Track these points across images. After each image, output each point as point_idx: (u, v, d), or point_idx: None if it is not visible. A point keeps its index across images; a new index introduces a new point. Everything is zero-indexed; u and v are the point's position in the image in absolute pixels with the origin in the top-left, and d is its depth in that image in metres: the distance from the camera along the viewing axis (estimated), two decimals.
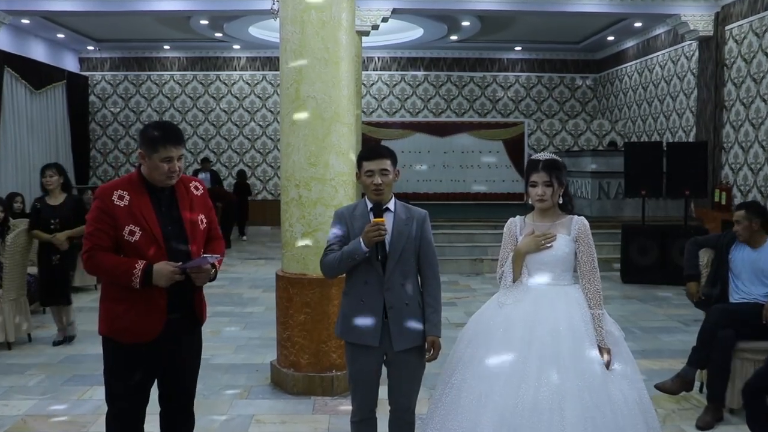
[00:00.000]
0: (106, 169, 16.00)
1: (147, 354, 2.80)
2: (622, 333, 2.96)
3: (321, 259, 3.02)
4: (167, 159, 2.74)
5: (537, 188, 2.95)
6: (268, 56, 15.85)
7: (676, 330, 6.56)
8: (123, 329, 2.76)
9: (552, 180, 2.93)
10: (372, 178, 2.94)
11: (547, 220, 3.01)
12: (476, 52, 15.99)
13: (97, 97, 15.92)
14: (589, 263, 2.93)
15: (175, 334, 2.84)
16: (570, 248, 2.94)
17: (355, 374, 3.02)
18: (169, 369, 2.91)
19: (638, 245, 9.02)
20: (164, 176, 2.77)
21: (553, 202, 2.97)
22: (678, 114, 12.48)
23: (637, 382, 2.85)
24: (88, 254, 2.73)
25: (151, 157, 2.75)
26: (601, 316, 2.87)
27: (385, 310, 2.93)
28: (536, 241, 2.93)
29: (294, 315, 4.63)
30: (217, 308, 6.97)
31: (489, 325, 2.93)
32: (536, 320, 2.83)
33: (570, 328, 2.81)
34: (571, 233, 2.95)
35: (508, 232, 3.09)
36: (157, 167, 2.75)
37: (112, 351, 2.82)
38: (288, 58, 4.59)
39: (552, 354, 2.74)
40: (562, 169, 2.98)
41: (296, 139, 4.59)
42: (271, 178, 16.14)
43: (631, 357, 2.93)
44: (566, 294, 2.92)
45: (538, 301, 2.89)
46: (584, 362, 2.74)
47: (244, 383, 4.95)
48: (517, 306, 2.90)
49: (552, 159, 2.98)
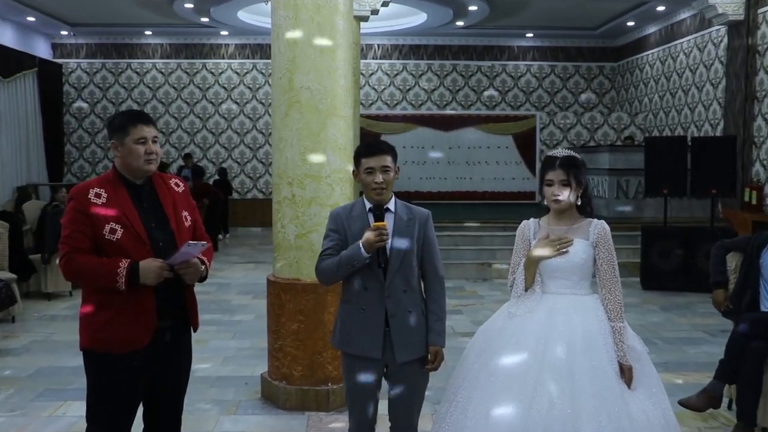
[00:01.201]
0: (82, 166, 16.01)
1: (137, 366, 2.77)
2: (645, 348, 2.95)
3: (316, 264, 3.02)
4: (141, 140, 2.76)
5: (553, 188, 2.94)
6: (258, 43, 15.86)
7: (701, 341, 6.57)
8: (109, 339, 2.73)
9: (570, 179, 2.91)
10: (372, 176, 2.94)
11: (563, 223, 3.00)
12: (484, 39, 16.00)
13: (72, 87, 15.93)
14: (609, 271, 2.92)
15: (166, 341, 2.83)
16: (588, 254, 2.93)
17: (353, 388, 3.02)
18: (159, 382, 2.89)
19: (660, 249, 9.03)
20: (142, 160, 2.77)
21: (571, 204, 2.95)
22: (704, 106, 12.49)
23: (662, 401, 2.84)
24: (66, 258, 2.71)
25: (123, 142, 2.76)
26: (621, 330, 2.86)
27: (387, 319, 2.93)
28: (551, 246, 2.92)
29: (286, 323, 4.64)
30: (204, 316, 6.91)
31: (498, 338, 2.92)
32: (550, 333, 2.82)
33: (587, 343, 2.80)
34: (589, 238, 2.94)
35: (520, 235, 3.08)
36: (131, 151, 2.76)
37: (97, 366, 2.79)
38: (280, 46, 4.60)
39: (566, 371, 2.73)
40: (581, 167, 2.96)
41: (289, 134, 4.59)
42: (262, 175, 16.15)
43: (656, 374, 2.93)
44: (583, 304, 2.91)
45: (553, 312, 2.88)
46: (602, 380, 2.72)
47: (232, 397, 4.95)
48: (529, 317, 2.90)
49: (570, 156, 2.96)
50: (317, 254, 3.07)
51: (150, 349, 2.77)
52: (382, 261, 2.90)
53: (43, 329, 6.96)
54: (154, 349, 2.78)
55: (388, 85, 16.22)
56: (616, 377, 2.75)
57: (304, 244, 4.59)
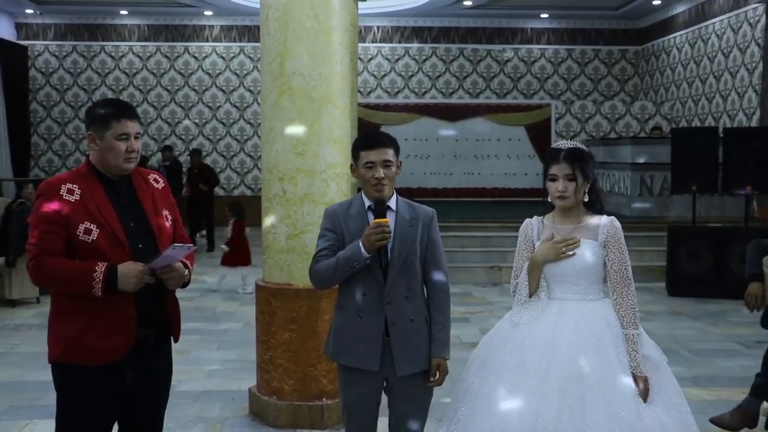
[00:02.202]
0: (51, 159, 16.03)
1: (113, 380, 2.76)
2: (663, 357, 2.95)
3: (311, 266, 3.03)
4: (123, 136, 2.75)
5: (557, 183, 2.95)
6: (246, 25, 15.89)
7: (735, 353, 6.58)
8: (83, 350, 2.70)
9: (575, 173, 2.92)
10: (372, 170, 2.94)
11: (569, 222, 3.01)
12: (494, 20, 16.02)
13: (39, 72, 15.95)
14: (620, 273, 2.92)
15: (145, 352, 2.82)
16: (597, 256, 2.93)
17: (349, 403, 3.03)
18: (137, 399, 2.88)
19: (688, 251, 9.03)
20: (121, 159, 2.77)
21: (577, 200, 2.96)
22: (738, 93, 12.50)
23: (684, 415, 2.84)
24: (35, 262, 2.68)
25: (103, 137, 2.75)
26: (636, 337, 2.86)
27: (387, 328, 2.94)
28: (555, 248, 2.93)
29: (277, 333, 4.65)
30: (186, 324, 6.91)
31: (500, 350, 2.93)
32: (556, 344, 2.83)
33: (597, 353, 2.80)
34: (598, 237, 2.94)
35: (523, 235, 3.09)
36: (111, 148, 2.75)
37: (67, 380, 2.77)
38: (270, 27, 4.61)
39: (575, 384, 2.74)
40: (588, 160, 2.97)
41: (280, 124, 4.60)
42: (250, 170, 16.17)
43: (676, 385, 2.94)
44: (593, 311, 2.92)
45: (559, 320, 2.89)
46: (614, 394, 2.73)
47: (218, 414, 4.96)
48: (534, 326, 2.90)
49: (576, 148, 2.98)
50: (311, 256, 3.08)
51: (128, 362, 2.77)
52: (383, 262, 2.91)
53: (6, 340, 6.95)
54: (132, 361, 2.78)
55: (388, 71, 16.24)
56: (629, 389, 2.76)
57: (296, 245, 4.60)
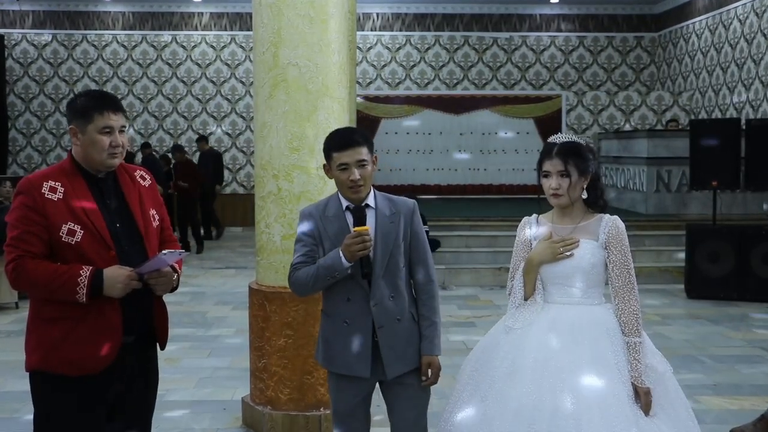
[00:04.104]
0: (30, 155, 16.04)
1: (96, 390, 2.76)
2: (668, 367, 2.95)
3: (289, 274, 3.08)
4: (107, 130, 2.76)
5: (551, 179, 2.95)
6: (237, 12, 15.89)
7: (758, 359, 6.58)
8: (63, 359, 2.70)
9: (569, 169, 2.91)
10: (347, 172, 2.97)
11: (568, 221, 3.00)
12: (501, 6, 16.02)
13: (16, 62, 15.96)
14: (622, 276, 2.91)
15: (130, 361, 2.83)
16: (598, 257, 2.92)
17: (340, 411, 3.09)
18: (122, 410, 2.88)
19: (708, 251, 9.03)
20: (105, 154, 2.77)
21: (572, 199, 2.95)
22: (762, 83, 12.50)
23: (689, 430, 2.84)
24: (14, 264, 2.66)
25: (86, 131, 2.76)
26: (638, 346, 2.84)
27: (374, 331, 2.99)
28: (552, 248, 2.93)
29: (272, 339, 4.66)
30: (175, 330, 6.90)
31: (492, 357, 2.95)
32: (551, 351, 2.83)
33: (595, 361, 2.80)
34: (599, 238, 2.93)
35: (520, 234, 3.11)
36: (94, 142, 2.75)
37: (48, 391, 2.76)
38: (263, 15, 4.61)
39: (571, 395, 2.73)
40: (585, 154, 2.95)
41: (274, 118, 4.61)
42: (243, 166, 16.18)
43: (683, 398, 2.94)
44: (592, 316, 2.91)
45: (555, 326, 2.89)
46: (612, 406, 2.72)
47: (209, 425, 4.97)
48: (528, 332, 2.91)
49: (570, 142, 2.97)
50: None
51: (112, 371, 2.76)
52: (366, 269, 2.95)
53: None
54: (116, 370, 2.77)
55: (389, 61, 16.24)
56: (629, 402, 2.75)
57: (291, 246, 4.57)
